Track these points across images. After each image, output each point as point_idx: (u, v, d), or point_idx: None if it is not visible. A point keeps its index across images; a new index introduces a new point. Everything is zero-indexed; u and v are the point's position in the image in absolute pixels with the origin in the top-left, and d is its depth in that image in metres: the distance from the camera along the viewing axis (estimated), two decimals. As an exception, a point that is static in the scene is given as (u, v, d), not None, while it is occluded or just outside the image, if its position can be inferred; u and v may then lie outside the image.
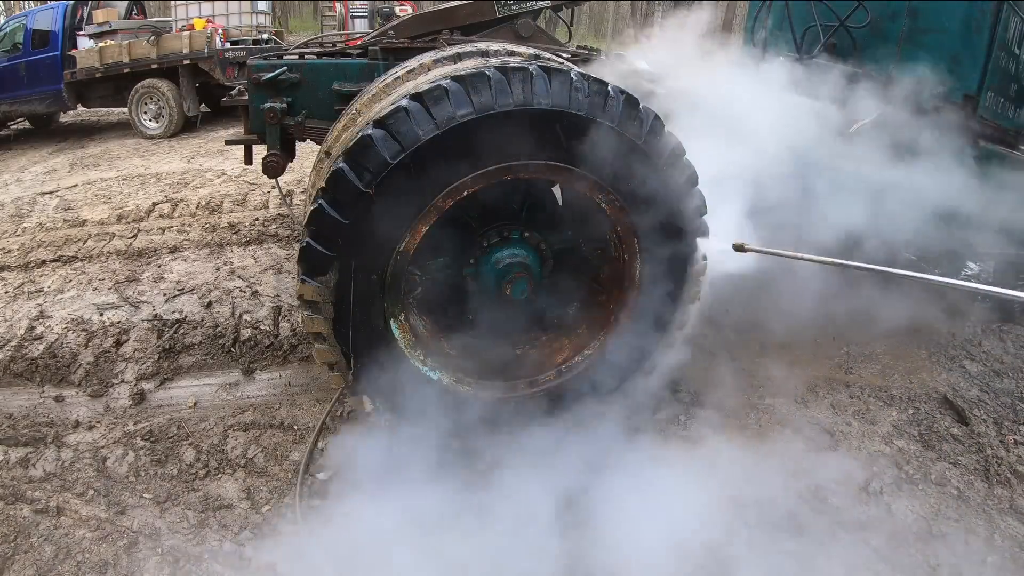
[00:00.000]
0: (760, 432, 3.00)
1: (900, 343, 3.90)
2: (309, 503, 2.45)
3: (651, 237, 2.48)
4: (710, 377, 3.41)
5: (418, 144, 2.08)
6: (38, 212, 5.79)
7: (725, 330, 3.88)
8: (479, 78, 2.11)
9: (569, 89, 2.19)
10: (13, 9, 20.38)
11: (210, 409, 2.94)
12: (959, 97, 3.43)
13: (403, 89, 2.28)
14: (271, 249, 4.65)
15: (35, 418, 2.84)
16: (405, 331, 2.48)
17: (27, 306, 3.81)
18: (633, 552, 2.22)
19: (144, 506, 2.40)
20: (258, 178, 6.07)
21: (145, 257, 4.51)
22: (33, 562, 2.14)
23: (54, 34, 9.95)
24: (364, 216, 2.13)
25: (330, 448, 2.69)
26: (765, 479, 2.64)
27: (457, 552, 2.19)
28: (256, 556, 2.21)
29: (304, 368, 3.22)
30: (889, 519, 2.54)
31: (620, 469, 2.61)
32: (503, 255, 2.52)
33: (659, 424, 2.99)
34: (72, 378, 3.14)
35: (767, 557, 2.29)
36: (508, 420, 2.66)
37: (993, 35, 3.30)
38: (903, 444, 3.00)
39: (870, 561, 2.34)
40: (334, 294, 2.22)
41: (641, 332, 2.66)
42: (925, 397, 3.38)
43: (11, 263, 4.54)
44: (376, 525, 2.26)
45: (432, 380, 2.52)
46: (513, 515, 2.32)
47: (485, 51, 2.56)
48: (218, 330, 3.50)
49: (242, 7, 11.32)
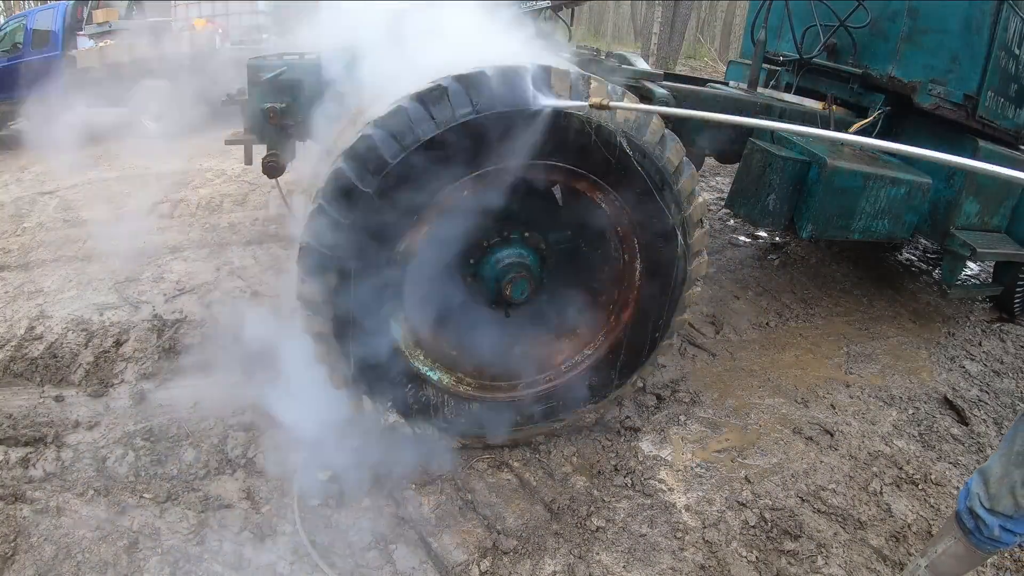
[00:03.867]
0: (760, 432, 3.00)
1: (900, 343, 3.91)
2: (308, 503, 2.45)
3: (651, 237, 2.48)
4: (710, 377, 3.41)
5: (418, 144, 2.08)
6: (38, 212, 5.78)
7: (725, 330, 3.89)
8: (479, 78, 2.11)
9: (570, 89, 2.19)
10: (13, 9, 20.36)
11: (210, 410, 2.94)
12: (959, 97, 3.44)
13: (403, 89, 2.27)
14: (271, 249, 4.65)
15: (35, 418, 2.84)
16: (405, 331, 2.48)
17: (27, 306, 3.81)
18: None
19: (144, 506, 2.40)
20: (258, 178, 6.07)
21: (145, 257, 4.50)
22: (33, 562, 2.14)
23: (54, 34, 9.95)
24: (364, 216, 2.13)
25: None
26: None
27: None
28: (256, 556, 2.21)
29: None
30: (889, 519, 2.54)
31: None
32: (503, 255, 2.52)
33: (659, 424, 2.99)
34: (72, 378, 3.14)
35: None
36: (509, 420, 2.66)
37: (993, 35, 3.30)
38: (903, 444, 3.00)
39: (870, 561, 2.34)
40: (334, 294, 2.22)
41: (641, 331, 2.66)
42: (925, 397, 3.38)
43: (11, 263, 4.54)
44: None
45: (432, 380, 2.52)
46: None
47: (485, 51, 2.55)
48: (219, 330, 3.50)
49: (242, 7, 11.31)
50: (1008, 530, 1.84)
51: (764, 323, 4.00)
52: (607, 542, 2.35)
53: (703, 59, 19.76)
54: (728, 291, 4.38)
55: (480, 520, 2.41)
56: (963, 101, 3.41)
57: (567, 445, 2.79)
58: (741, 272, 4.71)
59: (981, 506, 1.86)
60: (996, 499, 1.83)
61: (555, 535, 2.36)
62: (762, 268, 4.81)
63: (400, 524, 2.38)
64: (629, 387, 2.80)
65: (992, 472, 1.86)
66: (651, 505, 2.53)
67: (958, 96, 3.41)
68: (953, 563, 1.98)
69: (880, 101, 3.74)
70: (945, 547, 1.99)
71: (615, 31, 30.48)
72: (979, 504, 1.87)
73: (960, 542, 1.95)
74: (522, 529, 2.38)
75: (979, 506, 1.87)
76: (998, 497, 1.82)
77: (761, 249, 5.17)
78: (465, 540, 2.33)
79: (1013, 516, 1.81)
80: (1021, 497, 1.78)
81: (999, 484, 1.82)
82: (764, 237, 5.43)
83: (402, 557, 2.24)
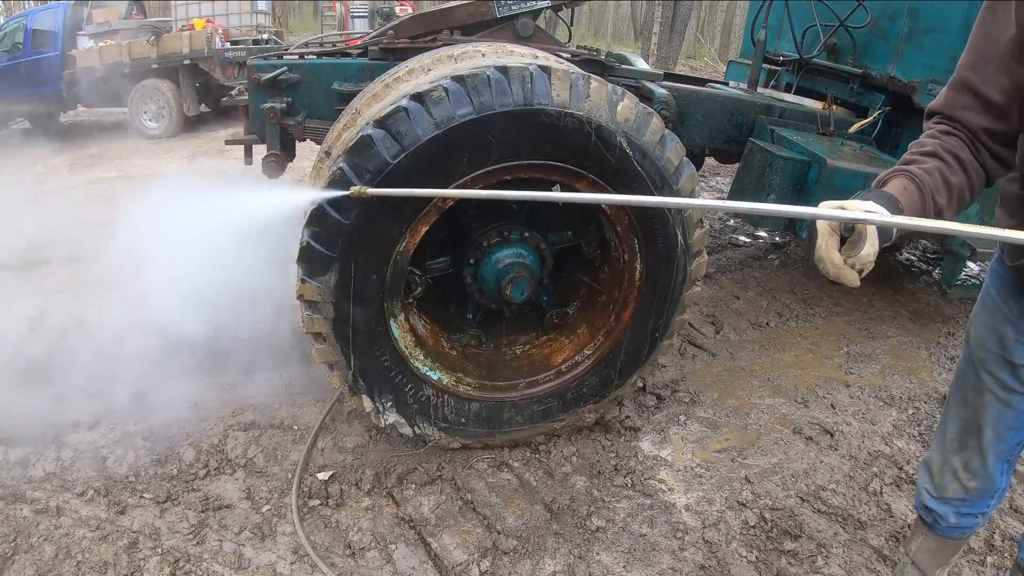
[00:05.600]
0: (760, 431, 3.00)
1: (900, 343, 3.91)
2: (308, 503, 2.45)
3: (651, 237, 2.48)
4: (710, 377, 3.41)
5: (418, 144, 2.08)
6: (38, 212, 5.79)
7: (725, 330, 3.89)
8: (479, 78, 2.11)
9: (570, 89, 2.19)
10: (13, 9, 20.37)
11: (209, 409, 2.94)
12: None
13: (403, 89, 2.28)
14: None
15: (35, 418, 2.84)
16: (405, 331, 2.48)
17: (27, 306, 3.81)
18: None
19: (144, 506, 2.40)
20: (258, 178, 6.06)
21: (145, 256, 4.50)
22: (33, 562, 2.14)
23: (54, 34, 9.96)
24: (364, 216, 2.13)
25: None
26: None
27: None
28: (256, 556, 2.21)
29: (304, 368, 3.22)
30: (889, 519, 2.54)
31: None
32: (503, 255, 2.52)
33: (659, 424, 2.99)
34: (72, 378, 3.13)
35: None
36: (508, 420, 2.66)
37: (993, 35, 3.29)
38: (903, 444, 3.00)
39: (870, 561, 2.34)
40: (334, 294, 2.22)
41: (641, 331, 2.66)
42: (925, 397, 3.38)
43: (11, 263, 4.54)
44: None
45: (432, 380, 2.52)
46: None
47: (485, 52, 2.56)
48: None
49: (242, 7, 11.33)
50: (965, 514, 1.85)
51: (764, 323, 4.00)
52: (607, 542, 2.35)
53: (703, 59, 19.77)
54: (728, 291, 4.38)
55: (480, 520, 2.42)
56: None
57: (567, 445, 2.80)
58: (741, 272, 4.71)
59: (931, 497, 1.88)
60: (942, 488, 1.84)
61: (555, 535, 2.36)
62: (762, 268, 4.81)
63: (400, 524, 2.38)
64: (629, 387, 2.80)
65: (933, 462, 1.87)
66: (651, 505, 2.53)
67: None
68: (931, 556, 2.00)
69: (880, 101, 3.74)
70: (917, 544, 2.02)
71: (615, 31, 30.49)
72: (929, 496, 1.88)
73: (928, 536, 1.97)
74: (522, 529, 2.38)
75: (929, 498, 1.88)
76: (944, 485, 1.83)
77: (761, 249, 5.17)
78: (465, 540, 2.33)
79: (965, 499, 1.82)
80: (966, 480, 1.79)
81: (941, 473, 1.84)
82: (764, 237, 5.43)
83: (402, 557, 2.24)
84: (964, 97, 1.39)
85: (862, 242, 1.16)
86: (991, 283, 1.67)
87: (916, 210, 1.27)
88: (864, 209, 1.16)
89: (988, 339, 1.65)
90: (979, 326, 1.69)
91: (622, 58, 3.57)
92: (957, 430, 1.78)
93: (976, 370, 1.69)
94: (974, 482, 1.78)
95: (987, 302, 1.68)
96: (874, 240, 1.16)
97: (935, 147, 1.36)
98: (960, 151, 1.36)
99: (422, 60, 2.60)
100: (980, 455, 1.74)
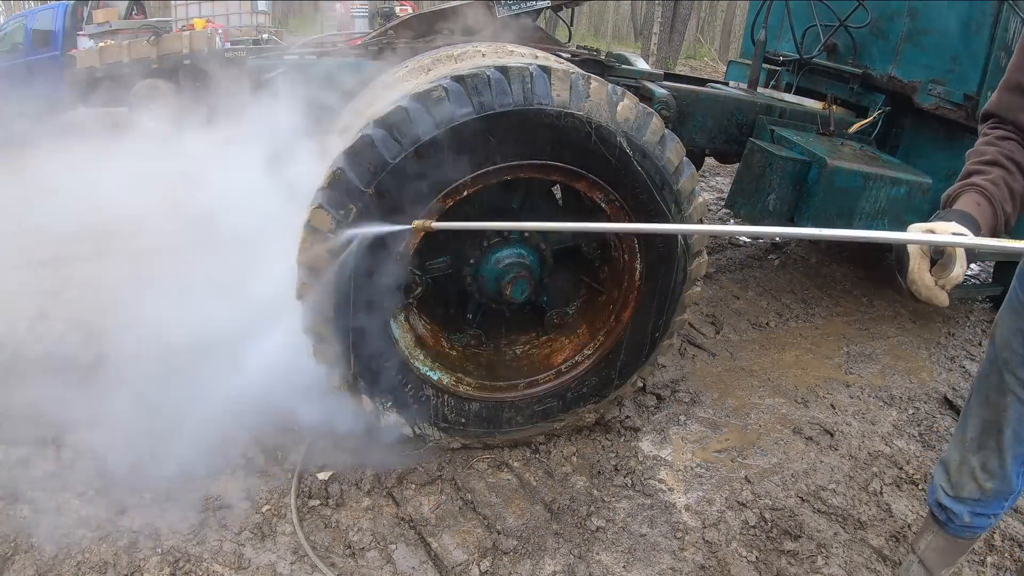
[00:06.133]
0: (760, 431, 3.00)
1: (900, 343, 3.91)
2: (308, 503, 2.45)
3: (651, 237, 2.48)
4: (710, 377, 3.41)
5: (418, 144, 2.08)
6: (38, 212, 5.78)
7: (725, 330, 3.89)
8: (479, 78, 2.11)
9: (570, 89, 2.19)
10: (13, 9, 20.36)
11: (209, 409, 2.93)
12: (959, 97, 3.44)
13: (403, 89, 2.28)
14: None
15: (35, 418, 2.83)
16: (405, 331, 2.48)
17: (27, 306, 3.81)
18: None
19: (144, 506, 2.39)
20: (258, 178, 6.06)
21: (145, 256, 4.49)
22: (33, 562, 2.14)
23: (54, 34, 9.95)
24: (363, 216, 2.13)
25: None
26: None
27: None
28: (256, 556, 2.21)
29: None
30: (889, 519, 2.54)
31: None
32: (503, 255, 2.52)
33: (659, 424, 2.99)
34: (72, 378, 3.13)
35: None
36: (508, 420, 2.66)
37: (993, 35, 3.30)
38: (903, 444, 3.00)
39: (870, 561, 2.34)
40: (334, 293, 2.22)
41: (641, 331, 2.66)
42: (925, 397, 3.38)
43: (11, 263, 4.53)
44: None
45: (432, 380, 2.52)
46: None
47: (485, 51, 2.56)
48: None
49: (242, 7, 11.33)
50: (979, 514, 1.85)
51: (764, 323, 4.00)
52: (607, 542, 2.35)
53: (703, 59, 19.78)
54: (728, 291, 4.38)
55: (480, 520, 2.41)
56: (963, 101, 3.41)
57: (567, 445, 2.79)
58: (741, 272, 4.71)
59: (947, 496, 1.88)
60: (959, 487, 1.84)
61: (555, 535, 2.36)
62: (762, 268, 4.81)
63: (400, 524, 2.38)
64: (629, 387, 2.80)
65: (951, 461, 1.87)
66: (651, 505, 2.53)
67: (958, 96, 3.41)
68: (939, 555, 2.00)
69: (880, 101, 3.74)
70: (927, 542, 2.01)
71: (615, 31, 30.48)
72: (944, 495, 1.88)
73: (939, 535, 1.97)
74: (522, 529, 2.38)
75: (944, 496, 1.88)
76: (961, 484, 1.83)
77: (761, 249, 5.17)
78: (465, 540, 2.33)
79: (980, 499, 1.82)
80: (983, 480, 1.79)
81: (959, 472, 1.84)
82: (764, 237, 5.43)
83: (402, 557, 2.24)
84: (1018, 99, 1.42)
85: (952, 264, 1.20)
86: (1018, 285, 1.67)
87: (989, 225, 1.30)
88: (951, 231, 1.19)
89: (1014, 340, 1.65)
90: (1005, 327, 1.69)
91: (622, 58, 3.57)
92: (977, 430, 1.78)
93: (1000, 371, 1.69)
94: (991, 483, 1.78)
95: (1014, 304, 1.68)
96: (963, 261, 1.19)
97: (995, 155, 1.38)
98: (1018, 155, 1.38)
99: (422, 60, 2.60)
100: (999, 456, 1.75)
